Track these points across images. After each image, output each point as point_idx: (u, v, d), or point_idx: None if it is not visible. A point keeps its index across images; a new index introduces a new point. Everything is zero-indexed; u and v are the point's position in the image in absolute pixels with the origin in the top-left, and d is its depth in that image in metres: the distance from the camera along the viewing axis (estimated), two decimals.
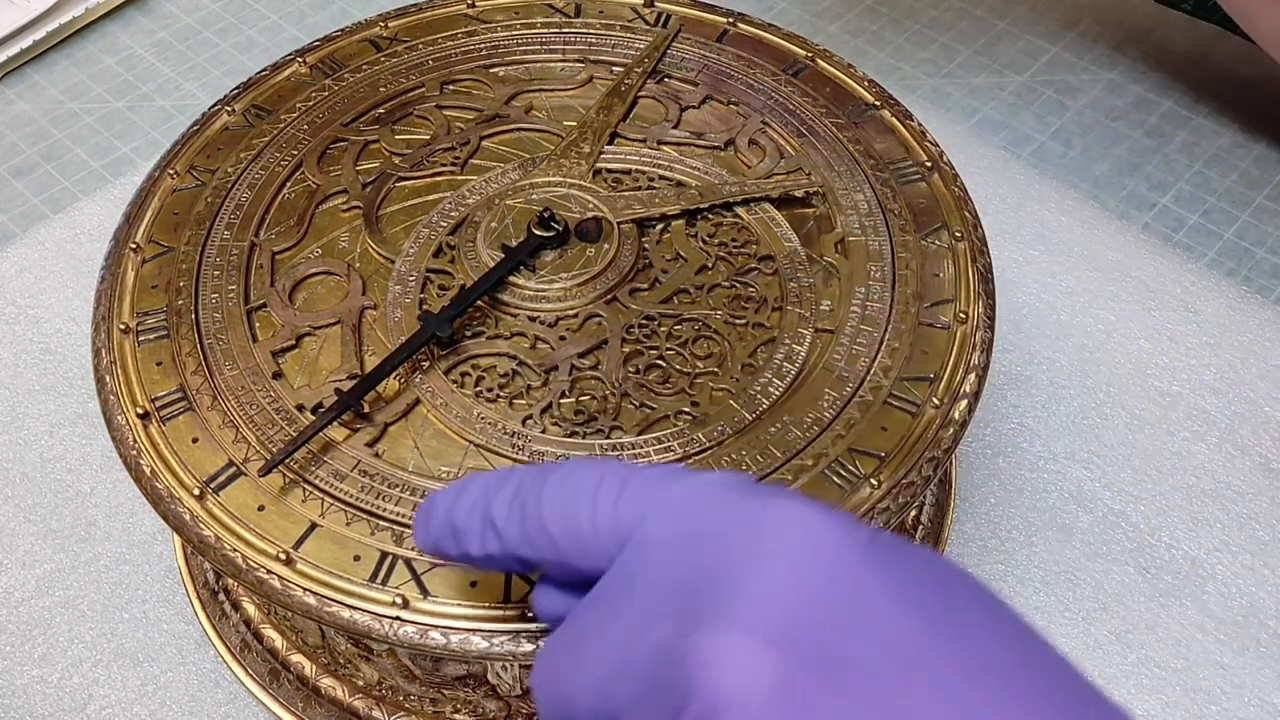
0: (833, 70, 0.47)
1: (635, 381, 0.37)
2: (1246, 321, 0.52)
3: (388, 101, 0.46)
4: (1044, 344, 0.51)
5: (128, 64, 0.67)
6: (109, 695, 0.42)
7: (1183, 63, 0.66)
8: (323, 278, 0.41)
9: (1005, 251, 0.54)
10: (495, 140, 0.45)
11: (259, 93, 0.46)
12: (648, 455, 0.36)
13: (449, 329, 0.37)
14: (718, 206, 0.42)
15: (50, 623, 0.44)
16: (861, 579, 0.22)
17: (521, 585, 0.32)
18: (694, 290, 0.40)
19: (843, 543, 0.23)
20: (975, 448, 0.48)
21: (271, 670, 0.41)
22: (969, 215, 0.41)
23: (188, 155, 0.44)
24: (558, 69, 0.48)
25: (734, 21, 0.49)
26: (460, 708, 0.39)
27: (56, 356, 0.52)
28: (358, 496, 0.35)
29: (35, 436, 0.49)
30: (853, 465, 0.35)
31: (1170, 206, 0.59)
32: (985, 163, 0.58)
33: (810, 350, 0.38)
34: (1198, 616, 0.44)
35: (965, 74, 0.66)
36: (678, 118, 0.45)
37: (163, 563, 0.45)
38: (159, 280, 0.40)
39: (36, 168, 0.62)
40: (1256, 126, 0.62)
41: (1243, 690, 0.42)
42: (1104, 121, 0.63)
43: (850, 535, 0.23)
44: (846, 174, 0.43)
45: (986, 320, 0.39)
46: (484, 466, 0.35)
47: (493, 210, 0.42)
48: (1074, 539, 0.45)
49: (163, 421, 0.36)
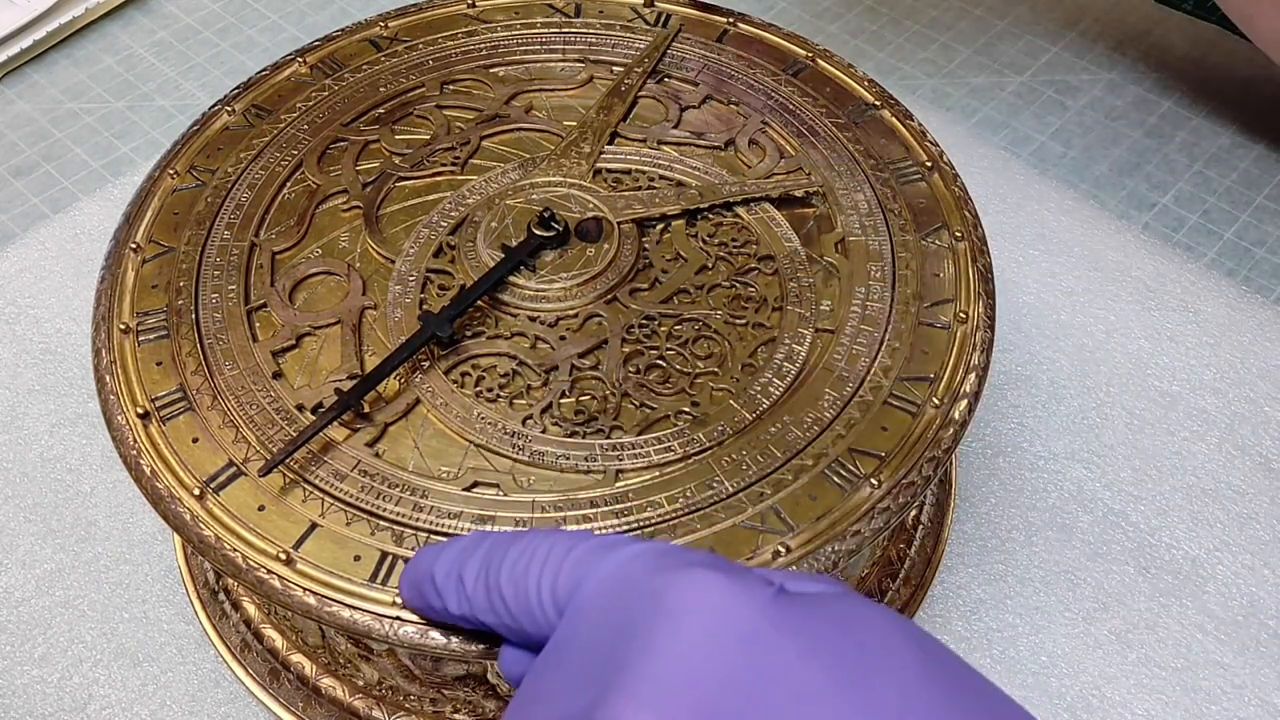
0: (833, 70, 0.47)
1: (635, 381, 0.37)
2: (1246, 321, 0.52)
3: (388, 101, 0.46)
4: (1044, 344, 0.51)
5: (128, 64, 0.67)
6: (109, 695, 0.42)
7: (1183, 63, 0.66)
8: (323, 278, 0.41)
9: (1005, 251, 0.54)
10: (495, 140, 0.45)
11: (259, 93, 0.46)
12: (648, 455, 0.36)
13: (449, 329, 0.37)
14: (718, 206, 0.42)
15: (50, 623, 0.44)
16: (766, 642, 0.23)
17: None
18: (694, 290, 0.40)
19: (748, 608, 0.23)
20: (975, 448, 0.48)
21: (272, 670, 0.41)
22: (969, 215, 0.41)
23: (188, 155, 0.44)
24: (558, 69, 0.48)
25: (734, 21, 0.49)
26: (460, 708, 0.39)
27: (56, 356, 0.52)
28: (358, 496, 0.35)
29: (35, 436, 0.49)
30: (853, 465, 0.35)
31: (1170, 206, 0.59)
32: (985, 163, 0.58)
33: (810, 350, 0.38)
34: (1198, 616, 0.44)
35: (965, 74, 0.66)
36: (678, 118, 0.45)
37: (163, 563, 0.45)
38: (159, 280, 0.40)
39: (36, 168, 0.62)
40: (1256, 126, 0.62)
41: (1243, 690, 0.42)
42: (1104, 121, 0.63)
43: (754, 599, 0.23)
44: (846, 174, 0.43)
45: (986, 320, 0.39)
46: (484, 466, 0.35)
47: (493, 210, 0.42)
48: (1074, 539, 0.45)
49: (163, 421, 0.36)
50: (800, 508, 0.34)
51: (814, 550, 0.33)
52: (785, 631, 0.23)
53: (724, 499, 0.34)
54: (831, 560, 0.33)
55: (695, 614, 0.23)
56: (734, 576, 0.24)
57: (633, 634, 0.23)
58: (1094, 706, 0.41)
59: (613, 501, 0.34)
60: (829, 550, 0.33)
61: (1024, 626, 0.43)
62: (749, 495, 0.34)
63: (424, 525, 0.34)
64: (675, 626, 0.23)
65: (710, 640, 0.23)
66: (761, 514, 0.34)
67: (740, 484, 0.35)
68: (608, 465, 0.35)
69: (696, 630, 0.23)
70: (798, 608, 0.23)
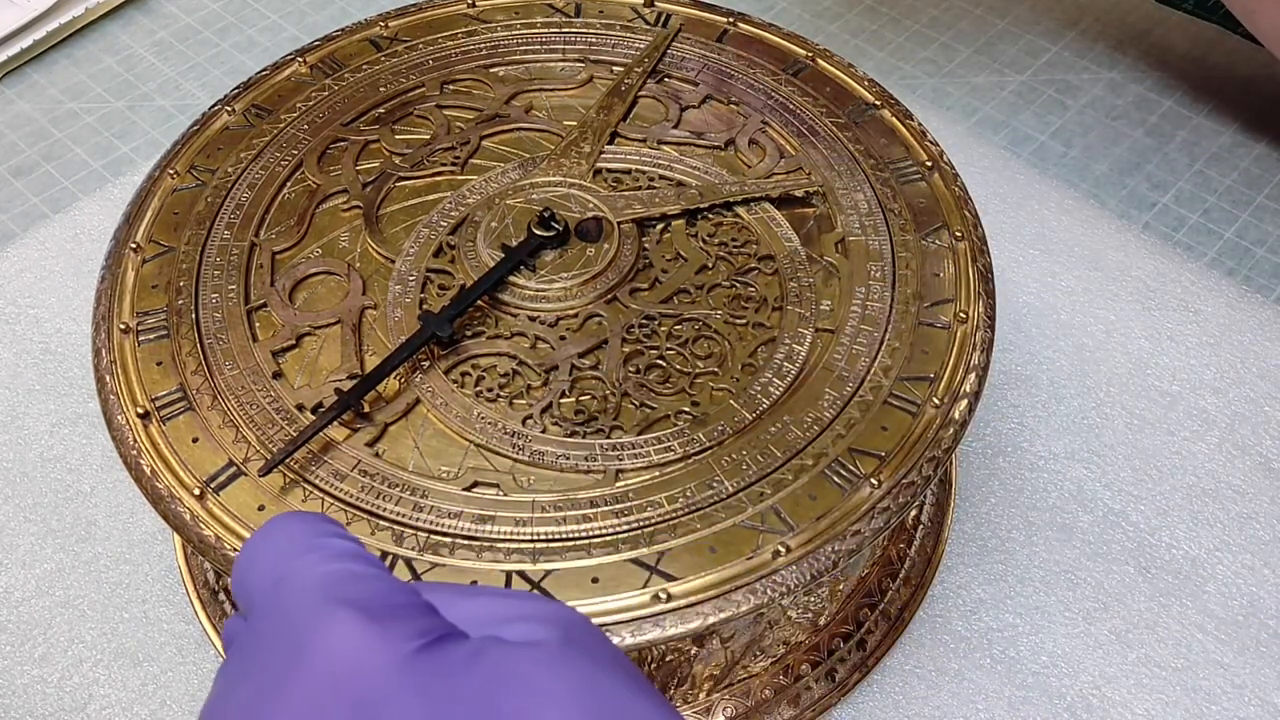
0: (833, 70, 0.47)
1: (635, 381, 0.37)
2: (1246, 321, 0.52)
3: (388, 101, 0.46)
4: (1044, 344, 0.51)
5: (128, 64, 0.67)
6: (109, 695, 0.42)
7: (1183, 62, 0.66)
8: (323, 277, 0.41)
9: (1005, 251, 0.54)
10: (495, 140, 0.45)
11: (259, 92, 0.46)
12: (648, 455, 0.36)
13: (449, 329, 0.37)
14: (718, 206, 0.42)
15: (50, 623, 0.44)
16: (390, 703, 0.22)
17: (520, 586, 0.33)
18: (694, 290, 0.40)
19: (381, 662, 0.22)
20: (975, 448, 0.48)
21: None
22: (969, 215, 0.41)
23: (188, 155, 0.44)
24: (558, 69, 0.48)
25: (734, 21, 0.49)
26: None
27: (56, 356, 0.52)
28: (358, 496, 0.35)
29: (35, 436, 0.49)
30: (853, 465, 0.35)
31: (1170, 206, 0.59)
32: (985, 162, 0.58)
33: (810, 350, 0.38)
34: (1198, 616, 0.44)
35: (965, 73, 0.66)
36: (678, 117, 0.45)
37: (163, 563, 0.45)
38: (159, 280, 0.40)
39: (36, 168, 0.62)
40: (1256, 126, 0.62)
41: (1243, 690, 0.42)
42: (1104, 121, 0.63)
43: (390, 654, 0.22)
44: (846, 174, 0.43)
45: (986, 320, 0.39)
46: (484, 466, 0.35)
47: (493, 210, 0.42)
48: (1074, 539, 0.45)
49: (163, 421, 0.36)
50: (800, 507, 0.34)
51: (814, 550, 0.33)
52: (406, 690, 0.22)
53: (724, 499, 0.34)
54: (831, 560, 0.33)
55: (323, 664, 0.22)
56: (375, 625, 0.23)
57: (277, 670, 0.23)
58: (1094, 706, 0.41)
59: (613, 501, 0.34)
60: (829, 550, 0.33)
61: (1024, 626, 0.43)
62: (749, 495, 0.34)
63: (424, 525, 0.34)
64: (303, 676, 0.23)
65: (330, 695, 0.22)
66: (761, 514, 0.34)
67: (740, 484, 0.35)
68: (608, 465, 0.35)
69: (321, 682, 0.22)
70: (434, 664, 0.22)
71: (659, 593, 0.32)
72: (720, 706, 0.40)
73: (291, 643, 0.23)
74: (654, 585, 0.32)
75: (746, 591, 0.33)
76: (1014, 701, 0.41)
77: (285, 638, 0.24)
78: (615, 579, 0.33)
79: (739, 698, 0.40)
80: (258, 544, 0.26)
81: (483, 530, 0.34)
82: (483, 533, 0.34)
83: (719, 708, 0.40)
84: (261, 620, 0.24)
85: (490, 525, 0.34)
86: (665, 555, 0.33)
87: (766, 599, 0.33)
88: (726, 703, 0.40)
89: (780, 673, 0.40)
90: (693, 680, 0.39)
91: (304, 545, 0.25)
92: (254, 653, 0.24)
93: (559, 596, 0.32)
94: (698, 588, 0.32)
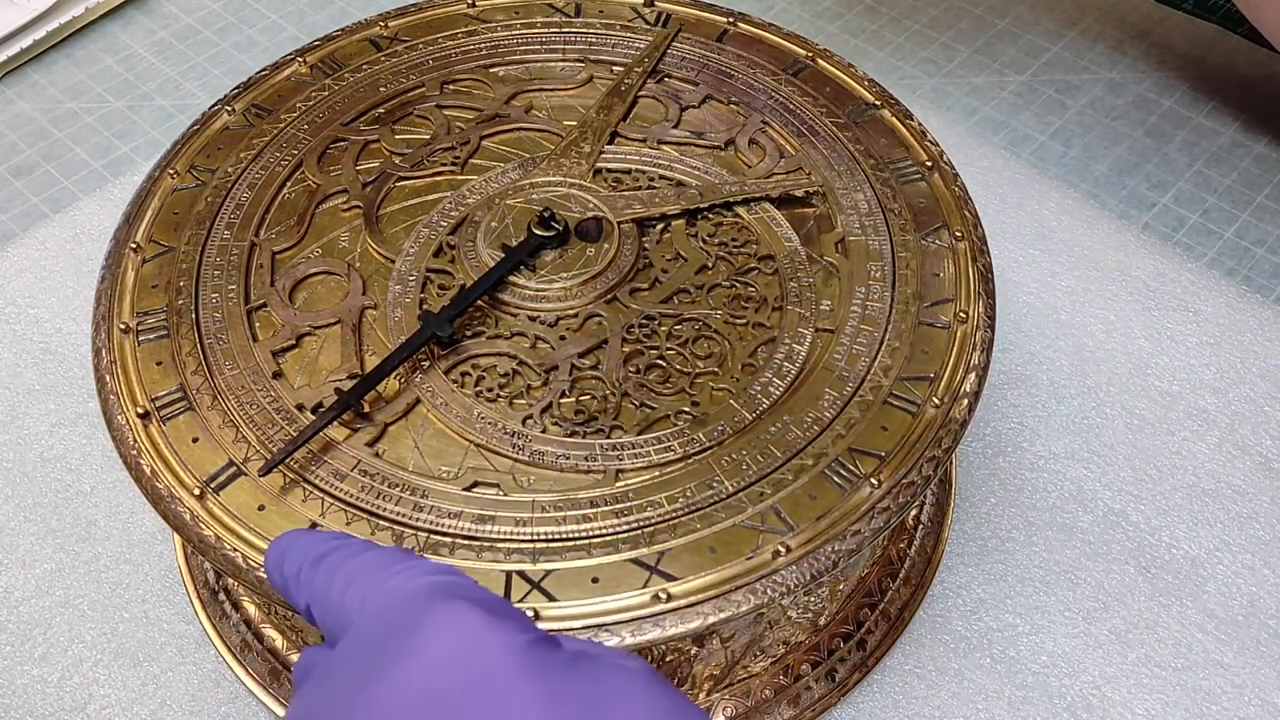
0: (833, 70, 0.47)
1: (635, 381, 0.37)
2: (1246, 321, 0.52)
3: (388, 101, 0.46)
4: (1044, 344, 0.51)
5: (128, 64, 0.67)
6: (109, 695, 0.42)
7: (1183, 62, 0.66)
8: (323, 277, 0.41)
9: (1005, 251, 0.54)
10: (495, 140, 0.45)
11: (259, 92, 0.46)
12: (648, 455, 0.36)
13: (449, 329, 0.37)
14: (718, 206, 0.42)
15: (50, 623, 0.44)
16: (505, 684, 0.23)
17: (520, 586, 0.33)
18: (694, 290, 0.40)
19: (494, 649, 0.24)
20: (975, 448, 0.48)
21: (272, 670, 0.41)
22: (969, 215, 0.41)
23: (188, 155, 0.44)
24: (558, 69, 0.48)
25: (734, 21, 0.49)
26: None
27: (56, 356, 0.52)
28: (358, 496, 0.35)
29: (35, 436, 0.49)
30: (853, 465, 0.35)
31: (1170, 206, 0.59)
32: (985, 163, 0.58)
33: (810, 350, 0.38)
34: (1198, 616, 0.44)
35: (965, 73, 0.66)
36: (678, 117, 0.45)
37: (163, 563, 0.45)
38: (159, 280, 0.40)
39: (36, 168, 0.62)
40: (1256, 126, 0.62)
41: (1243, 690, 0.42)
42: (1104, 121, 0.63)
43: (503, 642, 0.24)
44: (846, 174, 0.43)
45: (986, 320, 0.39)
46: (484, 466, 0.35)
47: (493, 210, 0.42)
48: (1074, 539, 0.45)
49: (163, 421, 0.36)
50: (800, 507, 0.34)
51: (814, 550, 0.33)
52: (523, 677, 0.23)
53: (724, 499, 0.34)
54: (831, 560, 0.33)
55: (440, 647, 0.24)
56: (492, 616, 0.25)
57: (384, 657, 0.24)
58: (1094, 706, 0.41)
59: (613, 501, 0.34)
60: (829, 550, 0.33)
61: (1024, 626, 0.43)
62: (749, 495, 0.34)
63: (424, 525, 0.34)
64: (417, 657, 0.24)
65: (445, 673, 0.23)
66: (761, 514, 0.34)
67: (740, 484, 0.35)
68: (608, 465, 0.35)
69: (436, 663, 0.24)
70: (545, 657, 0.24)
71: (659, 593, 0.32)
72: (720, 706, 0.40)
73: (401, 633, 0.25)
74: (654, 585, 0.32)
75: (746, 591, 0.33)
76: (1014, 701, 0.41)
77: (391, 633, 0.25)
78: (615, 579, 0.33)
79: (739, 698, 0.40)
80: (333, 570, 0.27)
81: (483, 530, 0.34)
82: (483, 533, 0.34)
83: (719, 708, 0.40)
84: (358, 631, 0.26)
85: (490, 525, 0.34)
86: (665, 555, 0.33)
87: (766, 599, 0.33)
88: (726, 703, 0.40)
89: (780, 673, 0.40)
90: (693, 680, 0.39)
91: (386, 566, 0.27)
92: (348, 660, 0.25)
93: (559, 596, 0.32)
94: (698, 588, 0.32)
